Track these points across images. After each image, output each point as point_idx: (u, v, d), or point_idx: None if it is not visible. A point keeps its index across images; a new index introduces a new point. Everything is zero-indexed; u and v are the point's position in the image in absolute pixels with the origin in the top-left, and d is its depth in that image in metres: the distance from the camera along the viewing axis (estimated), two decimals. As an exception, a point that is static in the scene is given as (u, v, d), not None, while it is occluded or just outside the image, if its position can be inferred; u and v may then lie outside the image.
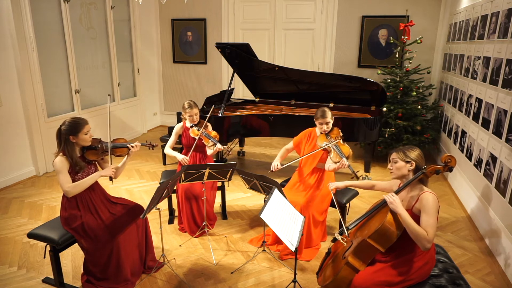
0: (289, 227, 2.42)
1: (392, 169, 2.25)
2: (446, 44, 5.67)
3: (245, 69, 5.21)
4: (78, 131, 2.54)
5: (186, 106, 3.49)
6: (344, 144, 3.12)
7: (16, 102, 4.66)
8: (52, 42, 5.01)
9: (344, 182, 2.74)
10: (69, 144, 2.53)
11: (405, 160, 2.20)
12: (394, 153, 2.25)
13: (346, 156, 2.99)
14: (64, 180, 2.52)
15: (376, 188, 2.62)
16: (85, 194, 2.65)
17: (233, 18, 6.82)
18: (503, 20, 3.45)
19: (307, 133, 3.39)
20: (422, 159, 2.22)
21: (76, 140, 2.56)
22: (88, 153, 2.66)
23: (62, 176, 2.51)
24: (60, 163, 2.51)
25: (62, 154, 2.54)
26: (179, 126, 3.64)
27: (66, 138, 2.52)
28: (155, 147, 3.00)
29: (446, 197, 4.35)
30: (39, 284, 2.83)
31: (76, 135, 2.54)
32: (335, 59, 6.42)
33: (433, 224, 2.02)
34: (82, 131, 2.55)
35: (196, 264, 3.07)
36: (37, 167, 4.94)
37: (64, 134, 2.52)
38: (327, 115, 3.17)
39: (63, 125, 2.55)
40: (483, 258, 3.18)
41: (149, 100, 7.36)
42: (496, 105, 3.41)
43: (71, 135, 2.53)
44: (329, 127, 3.20)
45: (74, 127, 2.53)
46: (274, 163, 3.31)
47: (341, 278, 2.19)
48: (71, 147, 2.55)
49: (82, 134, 2.55)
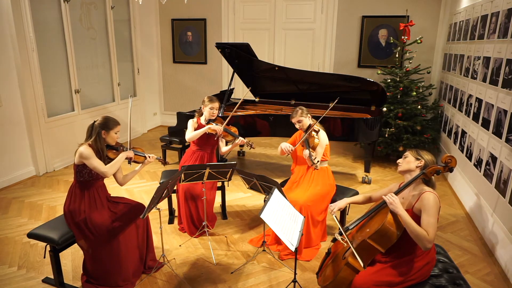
0: (289, 227, 2.42)
1: (401, 163, 2.29)
2: (446, 44, 5.67)
3: (245, 69, 5.21)
4: (110, 127, 2.68)
5: (207, 100, 3.47)
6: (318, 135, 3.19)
7: (16, 102, 4.65)
8: (52, 42, 5.00)
9: (345, 200, 2.68)
10: (100, 138, 2.66)
11: (416, 157, 2.23)
12: (408, 151, 2.31)
13: (311, 146, 3.13)
14: (98, 163, 2.61)
15: (373, 199, 2.59)
16: (94, 190, 2.69)
17: (233, 18, 6.82)
18: (503, 20, 3.45)
19: (299, 132, 3.47)
20: (434, 163, 2.23)
21: (106, 136, 2.68)
22: (110, 151, 2.78)
23: (95, 160, 2.60)
24: (88, 149, 2.60)
25: (88, 145, 2.63)
26: (193, 120, 3.55)
27: (99, 132, 2.65)
28: (167, 164, 3.15)
29: (446, 197, 4.35)
30: (39, 284, 2.83)
31: (108, 131, 2.68)
32: (335, 59, 6.42)
33: (433, 224, 2.02)
34: (113, 129, 2.70)
35: (196, 264, 3.07)
36: (37, 167, 4.94)
37: (97, 127, 2.65)
38: (294, 115, 3.30)
39: (97, 120, 2.68)
40: (483, 258, 3.18)
41: (149, 100, 7.36)
42: (496, 105, 3.41)
43: (104, 130, 2.66)
44: (303, 125, 3.30)
45: (108, 123, 2.68)
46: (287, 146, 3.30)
47: (341, 279, 2.19)
48: (102, 141, 2.67)
49: (113, 132, 2.70)
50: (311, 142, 3.18)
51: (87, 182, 2.66)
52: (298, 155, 3.36)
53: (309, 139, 3.18)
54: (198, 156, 3.53)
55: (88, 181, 2.66)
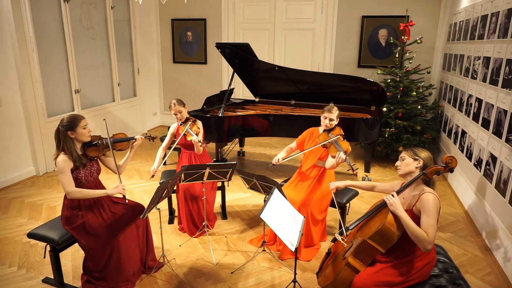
0: (289, 227, 2.42)
1: (400, 165, 2.26)
2: (446, 44, 5.67)
3: (245, 69, 5.21)
4: (75, 125, 2.55)
5: (171, 104, 3.50)
6: (344, 141, 3.15)
7: (16, 102, 4.65)
8: (52, 42, 5.00)
9: (345, 182, 2.74)
10: (68, 140, 2.55)
11: (413, 158, 2.21)
12: (404, 152, 2.28)
13: (344, 151, 3.02)
14: (66, 181, 2.52)
15: (376, 189, 2.61)
16: None
17: (233, 18, 6.82)
18: (503, 20, 3.45)
19: (310, 132, 3.43)
20: (431, 160, 2.22)
21: (75, 136, 2.57)
22: (89, 149, 2.68)
23: (64, 177, 2.52)
24: (63, 162, 2.52)
25: (63, 153, 2.55)
26: (174, 126, 3.65)
27: (65, 135, 2.54)
28: (154, 138, 3.03)
29: (446, 197, 4.35)
30: (39, 284, 2.83)
31: (74, 129, 2.55)
32: (335, 59, 6.42)
33: (433, 225, 2.02)
34: (79, 125, 2.57)
35: (196, 264, 3.07)
36: (37, 167, 4.94)
37: (62, 131, 2.54)
38: (333, 111, 3.22)
39: (60, 123, 2.57)
40: (483, 258, 3.18)
41: (149, 100, 7.36)
42: (496, 105, 3.41)
43: (70, 131, 2.55)
44: (332, 124, 3.23)
45: (71, 122, 2.56)
46: (276, 157, 3.32)
47: (341, 279, 2.19)
48: (71, 143, 2.56)
49: (80, 128, 2.57)
50: (343, 146, 3.07)
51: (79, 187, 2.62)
52: (306, 154, 3.33)
53: (340, 143, 3.09)
54: (187, 156, 3.60)
55: (80, 185, 2.62)
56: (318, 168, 3.28)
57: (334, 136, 3.14)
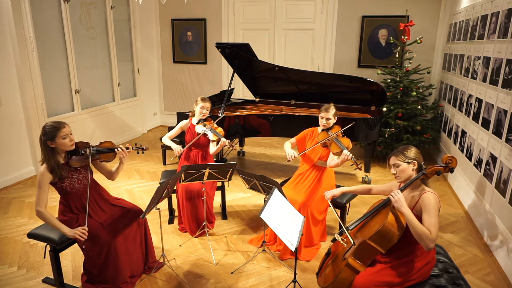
0: (289, 227, 2.42)
1: (396, 173, 2.21)
2: (446, 44, 5.67)
3: (245, 69, 5.21)
4: (54, 135, 2.39)
5: (199, 98, 3.53)
6: (345, 137, 3.15)
7: (16, 102, 4.65)
8: (52, 42, 5.01)
9: (340, 189, 2.69)
10: (47, 149, 2.41)
11: (406, 162, 2.18)
12: (392, 157, 2.22)
13: (346, 147, 3.00)
14: (40, 197, 2.38)
15: (373, 192, 2.57)
16: (77, 198, 2.61)
17: (233, 18, 6.82)
18: (503, 20, 3.45)
19: (310, 131, 3.42)
20: (420, 155, 2.22)
21: (55, 145, 2.42)
22: (72, 160, 2.51)
23: (40, 192, 2.38)
24: (41, 176, 2.39)
25: (45, 166, 2.42)
26: (185, 121, 3.66)
27: (45, 144, 2.40)
28: (145, 150, 2.84)
29: (446, 197, 4.35)
30: (39, 284, 2.83)
31: (53, 140, 2.40)
32: (335, 59, 6.42)
33: (435, 223, 2.02)
34: (58, 136, 2.40)
35: (196, 264, 3.07)
36: (37, 167, 4.94)
37: (42, 140, 2.41)
38: (329, 110, 3.22)
39: (42, 131, 2.42)
40: (483, 258, 3.18)
41: (149, 100, 7.36)
42: (496, 105, 3.41)
43: (49, 141, 2.40)
44: (330, 123, 3.22)
45: (50, 132, 2.40)
46: (292, 152, 3.26)
47: (341, 280, 2.19)
48: (50, 153, 2.41)
49: (59, 138, 2.40)
50: (344, 142, 3.07)
51: (68, 195, 2.58)
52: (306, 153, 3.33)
53: (341, 140, 3.09)
54: (193, 156, 3.58)
55: (68, 194, 2.57)
56: (318, 168, 3.28)
57: (333, 134, 3.15)
